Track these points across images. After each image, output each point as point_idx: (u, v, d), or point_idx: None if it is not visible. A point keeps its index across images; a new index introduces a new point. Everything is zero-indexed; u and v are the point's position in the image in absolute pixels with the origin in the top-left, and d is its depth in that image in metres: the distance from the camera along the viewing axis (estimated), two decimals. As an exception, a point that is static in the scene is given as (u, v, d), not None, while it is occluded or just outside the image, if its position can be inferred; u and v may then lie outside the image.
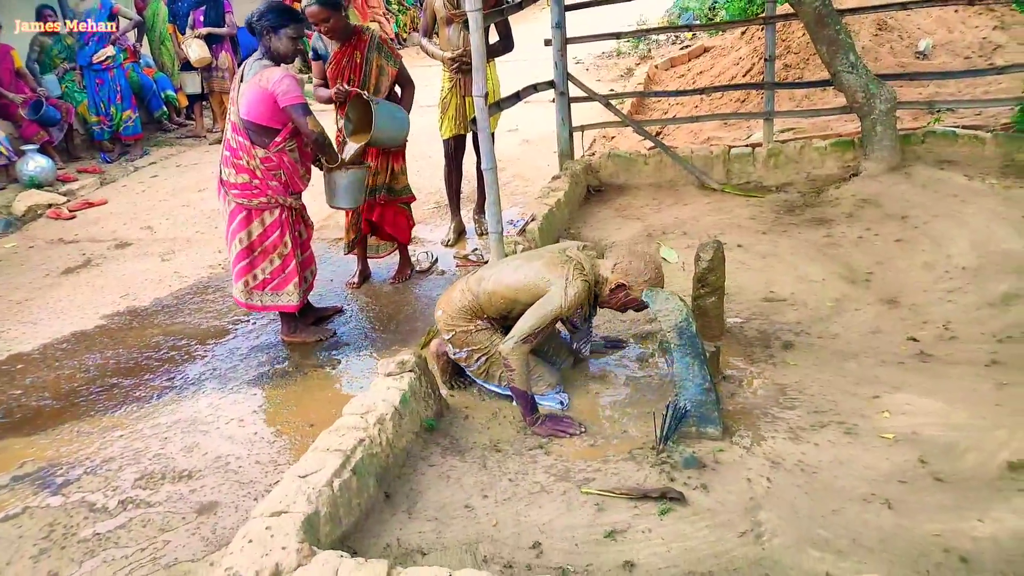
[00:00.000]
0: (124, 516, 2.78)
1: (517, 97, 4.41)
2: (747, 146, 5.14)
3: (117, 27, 7.73)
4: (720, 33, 9.27)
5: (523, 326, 2.71)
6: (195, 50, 7.89)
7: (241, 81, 3.59)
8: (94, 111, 7.79)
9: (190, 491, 2.89)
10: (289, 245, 3.73)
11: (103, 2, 7.55)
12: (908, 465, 2.33)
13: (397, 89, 4.29)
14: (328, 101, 4.20)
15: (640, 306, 2.80)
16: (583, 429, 2.74)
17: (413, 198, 4.49)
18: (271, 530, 1.95)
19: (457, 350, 2.94)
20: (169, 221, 6.16)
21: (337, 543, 2.09)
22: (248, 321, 4.30)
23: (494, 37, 4.84)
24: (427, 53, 4.85)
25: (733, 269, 3.82)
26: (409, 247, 4.74)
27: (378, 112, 3.82)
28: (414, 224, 4.65)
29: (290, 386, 3.60)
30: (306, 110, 3.50)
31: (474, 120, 3.67)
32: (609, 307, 2.87)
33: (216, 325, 4.28)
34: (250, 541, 1.92)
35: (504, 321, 2.88)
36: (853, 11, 5.37)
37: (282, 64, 3.60)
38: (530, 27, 6.53)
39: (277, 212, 3.68)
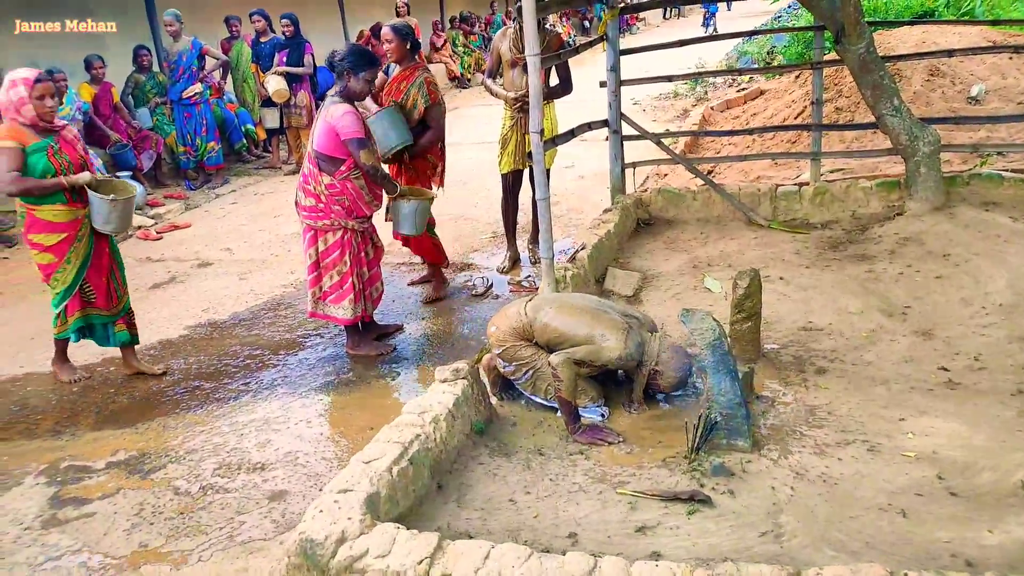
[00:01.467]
0: (205, 499, 3.11)
1: (571, 134, 4.70)
2: (795, 184, 5.32)
3: (204, 66, 8.41)
4: (776, 77, 9.47)
5: (576, 352, 2.98)
6: (273, 84, 8.48)
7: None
8: (181, 142, 8.43)
9: (263, 480, 3.20)
10: (348, 264, 4.08)
11: (194, 43, 8.22)
12: (926, 480, 2.47)
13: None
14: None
15: (658, 391, 3.11)
16: (621, 439, 2.95)
17: (433, 221, 4.83)
18: (339, 503, 2.23)
19: (506, 364, 3.20)
20: (246, 244, 6.63)
21: (394, 521, 2.35)
22: (317, 335, 4.65)
23: (556, 80, 5.19)
24: (491, 93, 5.22)
25: (774, 300, 4.01)
26: (467, 273, 5.05)
27: (379, 115, 4.44)
28: (440, 246, 4.98)
29: (353, 393, 3.92)
30: (362, 144, 3.89)
31: (530, 155, 3.97)
32: (636, 380, 3.10)
33: (288, 338, 4.64)
34: (321, 511, 2.19)
35: (548, 348, 3.13)
36: (904, 57, 5.53)
37: (353, 102, 3.98)
38: (587, 71, 6.86)
39: (340, 233, 4.06)
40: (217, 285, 5.66)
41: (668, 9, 35.52)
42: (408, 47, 4.71)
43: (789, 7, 17.56)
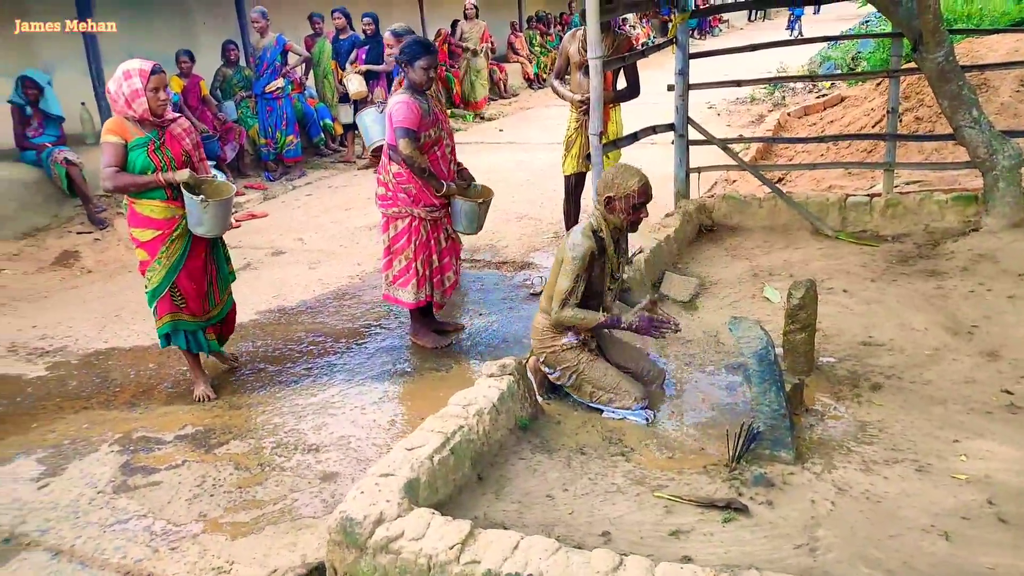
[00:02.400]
0: (262, 476, 3.27)
1: (635, 137, 4.71)
2: (866, 195, 5.17)
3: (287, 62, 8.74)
4: (859, 84, 9.19)
5: (558, 290, 3.09)
6: (354, 84, 8.74)
7: None
8: (263, 135, 8.79)
9: (316, 462, 3.35)
10: (413, 250, 4.20)
11: (278, 40, 8.57)
12: (974, 504, 2.40)
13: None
14: None
15: (635, 214, 3.13)
16: (678, 326, 3.08)
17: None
18: (379, 487, 2.32)
19: (551, 369, 3.26)
20: (318, 235, 6.87)
21: (432, 508, 2.43)
22: (377, 325, 4.80)
23: (624, 83, 5.20)
24: (557, 94, 5.27)
25: (834, 312, 3.93)
26: (527, 272, 5.12)
27: (368, 111, 4.82)
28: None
29: (407, 384, 4.04)
30: (405, 133, 3.96)
31: (590, 156, 4.01)
32: (620, 228, 3.19)
33: (350, 327, 4.81)
34: (362, 492, 2.30)
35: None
36: (991, 67, 5.30)
37: (415, 93, 4.05)
38: (664, 74, 6.79)
39: (408, 221, 4.19)
40: (288, 273, 5.90)
41: (754, 11, 34.79)
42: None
43: (879, 12, 16.94)
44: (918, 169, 5.36)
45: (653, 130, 5.02)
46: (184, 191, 3.66)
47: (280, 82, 8.64)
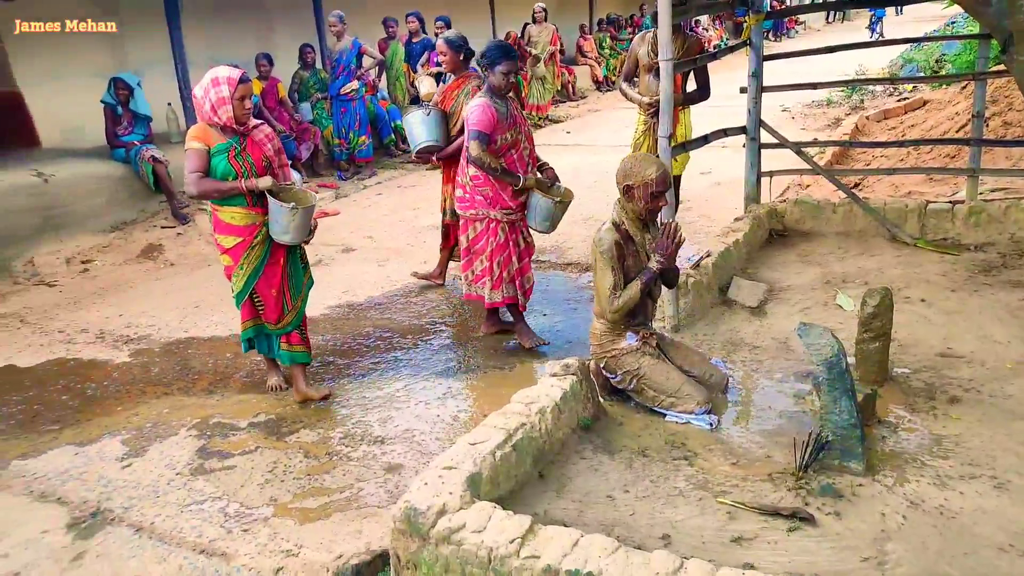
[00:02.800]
0: (330, 464, 3.38)
1: (705, 140, 4.65)
2: (947, 202, 4.98)
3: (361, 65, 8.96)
4: (943, 87, 8.85)
5: (603, 287, 3.18)
6: (424, 86, 8.87)
7: None
8: (336, 135, 9.03)
9: (381, 453, 3.43)
10: (489, 252, 4.25)
11: (354, 43, 8.79)
12: (1057, 525, 2.29)
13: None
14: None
15: (654, 202, 3.13)
16: (677, 228, 3.16)
17: None
18: (443, 479, 2.37)
19: (612, 374, 3.27)
20: (387, 233, 7.03)
21: (493, 502, 2.46)
22: (443, 323, 4.88)
23: (693, 85, 5.14)
24: (626, 97, 5.25)
25: (912, 321, 3.80)
26: (591, 273, 5.11)
27: (415, 113, 4.99)
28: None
29: (470, 381, 4.09)
30: (477, 135, 4.00)
31: (659, 159, 3.98)
32: (644, 218, 3.21)
33: (416, 323, 4.90)
34: (426, 484, 2.35)
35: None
36: (1088, 68, 5.03)
37: (494, 97, 4.09)
38: (725, 76, 6.71)
39: (485, 223, 4.25)
40: (357, 270, 6.05)
41: (832, 13, 33.78)
42: (461, 58, 4.94)
43: (966, 13, 16.22)
44: (1005, 176, 5.13)
45: (724, 133, 4.94)
46: (270, 198, 3.63)
47: (355, 84, 8.86)
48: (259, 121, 3.79)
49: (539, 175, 4.33)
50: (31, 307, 5.59)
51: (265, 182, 3.64)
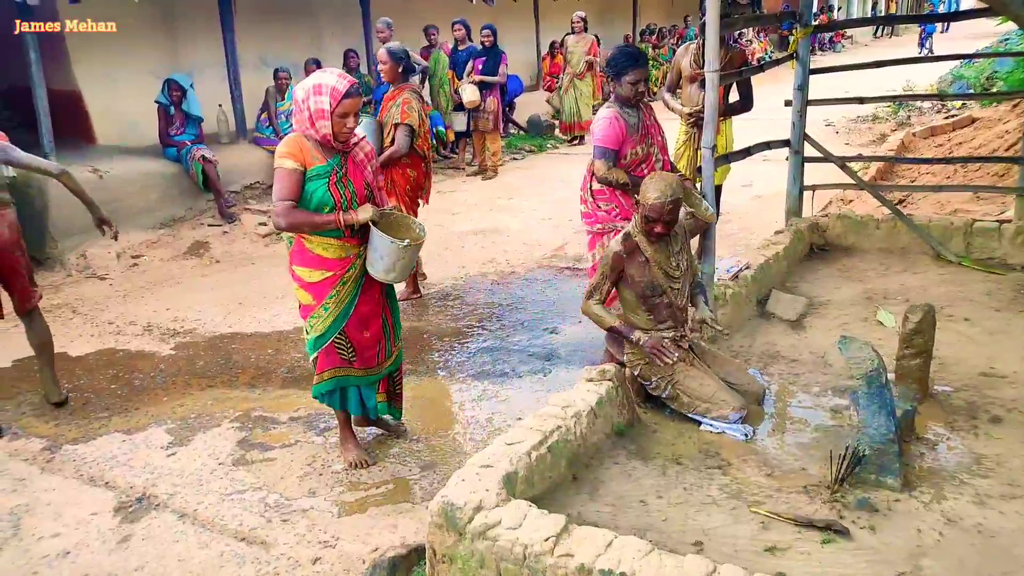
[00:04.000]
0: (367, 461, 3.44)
1: (747, 152, 4.65)
2: (995, 221, 4.90)
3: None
4: (995, 105, 8.69)
5: (590, 284, 3.27)
6: (467, 93, 9.01)
7: None
8: (379, 140, 9.17)
9: (416, 451, 3.50)
10: None
11: (400, 50, 8.93)
12: (1101, 549, 2.26)
13: None
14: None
15: (660, 220, 3.09)
16: (677, 358, 3.13)
17: None
18: (479, 476, 2.42)
19: (648, 382, 3.29)
20: (426, 237, 7.10)
21: (528, 501, 2.50)
22: (480, 327, 4.94)
23: (735, 96, 5.14)
24: (668, 107, 5.27)
25: (954, 340, 3.75)
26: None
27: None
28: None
29: (505, 384, 4.14)
30: (602, 153, 3.79)
31: (699, 170, 3.99)
32: (653, 234, 3.16)
33: (452, 326, 4.97)
34: (463, 480, 2.40)
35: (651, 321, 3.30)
36: None
37: (623, 107, 3.83)
38: (769, 88, 6.67)
39: (612, 236, 3.88)
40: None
41: (880, 27, 33.29)
42: (400, 70, 4.99)
43: (1021, 30, 15.87)
44: (1056, 195, 5.02)
45: (767, 145, 4.93)
46: (377, 232, 3.07)
47: (398, 90, 8.99)
48: (359, 136, 3.19)
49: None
50: (83, 299, 5.79)
51: (366, 213, 3.06)
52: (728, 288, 4.12)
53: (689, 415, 3.20)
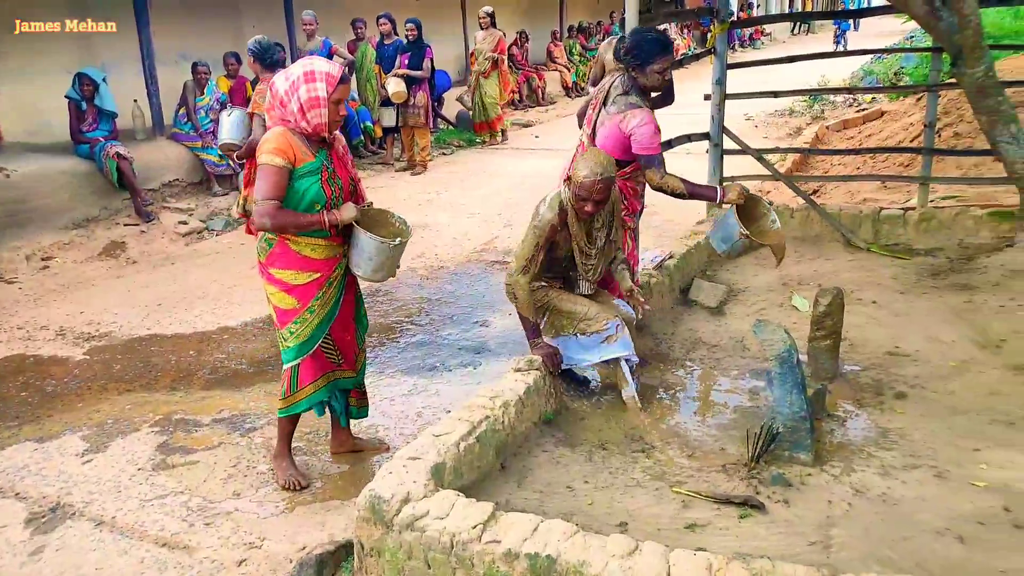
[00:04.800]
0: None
1: (668, 145, 4.76)
2: (900, 208, 5.16)
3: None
4: (900, 98, 9.12)
5: (519, 253, 3.18)
6: (392, 85, 8.93)
7: (604, 105, 3.71)
8: (305, 135, 8.99)
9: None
10: None
11: (324, 43, 8.81)
12: (991, 511, 2.42)
13: None
14: None
15: (590, 199, 3.04)
16: (556, 371, 3.23)
17: None
18: (407, 468, 2.42)
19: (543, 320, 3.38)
20: (354, 233, 7.02)
21: (457, 491, 2.52)
22: (409, 322, 4.92)
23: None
24: (593, 101, 5.34)
25: (863, 322, 3.94)
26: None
27: (225, 113, 5.35)
28: None
29: (435, 378, 4.14)
30: (658, 161, 3.53)
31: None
32: (583, 212, 3.12)
33: (382, 322, 4.93)
34: (390, 473, 2.40)
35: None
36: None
37: (645, 99, 3.60)
38: (691, 84, 6.85)
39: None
40: (324, 269, 6.04)
41: (797, 24, 34.47)
42: (263, 63, 5.11)
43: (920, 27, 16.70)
44: (954, 184, 5.33)
45: (688, 139, 5.07)
46: (362, 232, 2.94)
47: (323, 84, 8.84)
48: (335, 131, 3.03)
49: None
50: (-11, 303, 5.51)
51: (350, 212, 2.93)
52: (652, 278, 4.22)
53: (569, 342, 3.30)
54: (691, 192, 3.60)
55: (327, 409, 3.27)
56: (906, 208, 5.17)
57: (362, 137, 10.00)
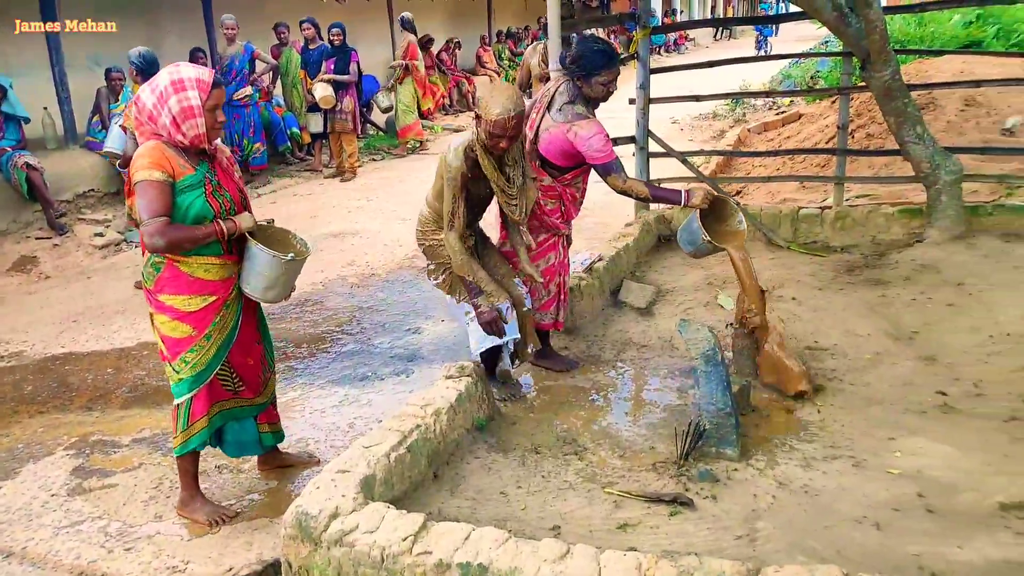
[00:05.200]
0: (220, 478, 3.29)
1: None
2: (817, 208, 5.35)
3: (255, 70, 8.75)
4: (816, 101, 9.47)
5: (443, 211, 3.15)
6: (319, 90, 8.79)
7: (547, 110, 3.58)
8: (229, 142, 8.76)
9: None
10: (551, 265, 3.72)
11: (246, 48, 8.59)
12: (905, 497, 2.52)
13: None
14: None
15: (505, 135, 2.94)
16: (501, 335, 3.29)
17: None
18: (335, 482, 2.37)
19: (429, 263, 3.45)
20: (282, 242, 6.87)
21: (388, 503, 2.48)
22: (339, 331, 4.84)
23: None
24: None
25: (784, 318, 4.06)
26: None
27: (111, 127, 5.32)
28: None
29: (367, 388, 4.08)
30: (616, 167, 3.46)
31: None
32: (498, 149, 3.03)
33: (311, 332, 4.83)
34: (318, 488, 2.34)
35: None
36: (935, 86, 5.54)
37: (590, 108, 3.52)
38: (627, 88, 6.93)
39: (546, 235, 3.70)
40: (250, 280, 5.89)
41: (719, 30, 35.46)
42: (144, 79, 4.96)
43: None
44: (867, 183, 5.56)
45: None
46: (255, 245, 2.78)
47: (248, 90, 8.65)
48: (218, 141, 2.86)
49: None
50: None
51: (248, 221, 2.79)
52: (582, 280, 4.26)
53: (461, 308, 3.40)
54: (655, 196, 3.57)
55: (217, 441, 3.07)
56: (823, 207, 5.36)
57: (289, 144, 9.80)
